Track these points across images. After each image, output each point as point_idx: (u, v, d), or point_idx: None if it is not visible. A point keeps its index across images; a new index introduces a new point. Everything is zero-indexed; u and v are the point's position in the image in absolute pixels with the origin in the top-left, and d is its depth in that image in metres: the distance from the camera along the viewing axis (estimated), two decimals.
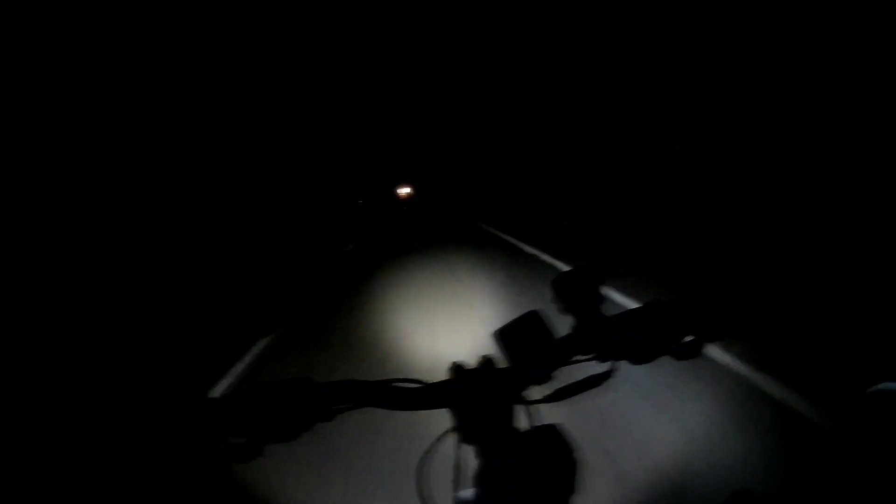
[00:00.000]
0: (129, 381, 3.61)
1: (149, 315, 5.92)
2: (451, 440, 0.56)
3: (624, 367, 0.58)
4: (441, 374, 0.59)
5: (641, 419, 2.23)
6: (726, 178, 8.39)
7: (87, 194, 7.96)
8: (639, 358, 0.56)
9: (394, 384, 0.57)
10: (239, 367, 3.76)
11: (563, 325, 0.63)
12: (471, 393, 0.55)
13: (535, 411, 0.57)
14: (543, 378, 0.57)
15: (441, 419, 0.58)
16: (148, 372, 3.83)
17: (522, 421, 0.56)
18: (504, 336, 0.60)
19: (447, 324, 4.16)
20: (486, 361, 0.58)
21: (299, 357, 3.95)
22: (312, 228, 16.08)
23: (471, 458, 0.55)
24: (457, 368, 0.58)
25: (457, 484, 0.57)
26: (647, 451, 2.01)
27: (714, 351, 2.72)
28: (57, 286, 6.31)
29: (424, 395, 0.56)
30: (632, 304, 3.47)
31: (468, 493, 0.56)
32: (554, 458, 0.50)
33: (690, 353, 0.54)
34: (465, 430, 0.55)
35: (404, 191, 35.16)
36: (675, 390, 2.44)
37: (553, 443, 0.51)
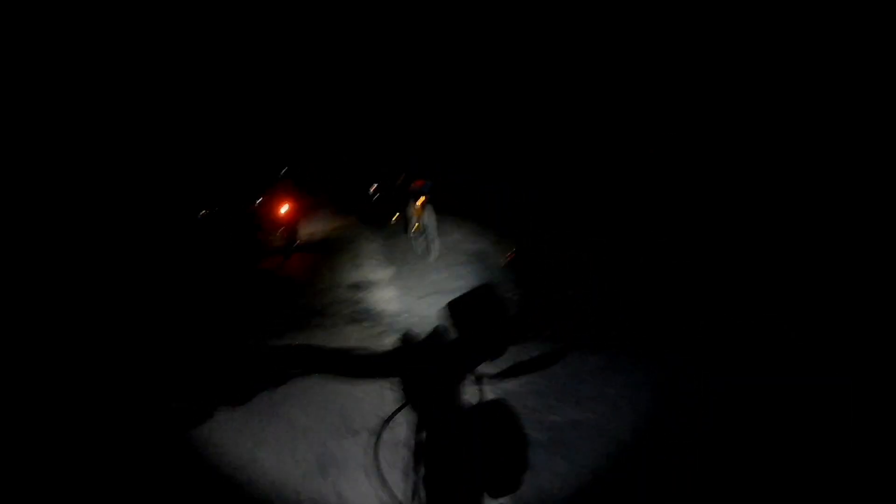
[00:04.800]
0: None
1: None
2: (406, 413, 0.53)
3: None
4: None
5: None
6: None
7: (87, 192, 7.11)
8: (592, 341, 0.55)
9: (346, 352, 0.52)
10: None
11: (518, 301, 0.61)
12: (421, 364, 0.52)
13: (486, 386, 0.55)
14: (496, 353, 0.56)
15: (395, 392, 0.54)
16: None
17: (473, 395, 0.54)
18: (457, 308, 0.56)
19: None
20: (438, 332, 0.54)
21: None
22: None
23: (421, 431, 0.52)
24: (407, 338, 0.54)
25: (415, 458, 0.55)
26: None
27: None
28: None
29: (375, 365, 0.52)
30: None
31: (421, 466, 0.54)
32: (503, 434, 0.49)
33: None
34: (416, 403, 0.52)
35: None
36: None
37: (502, 419, 0.49)
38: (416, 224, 5.75)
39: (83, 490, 1.96)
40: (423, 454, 0.43)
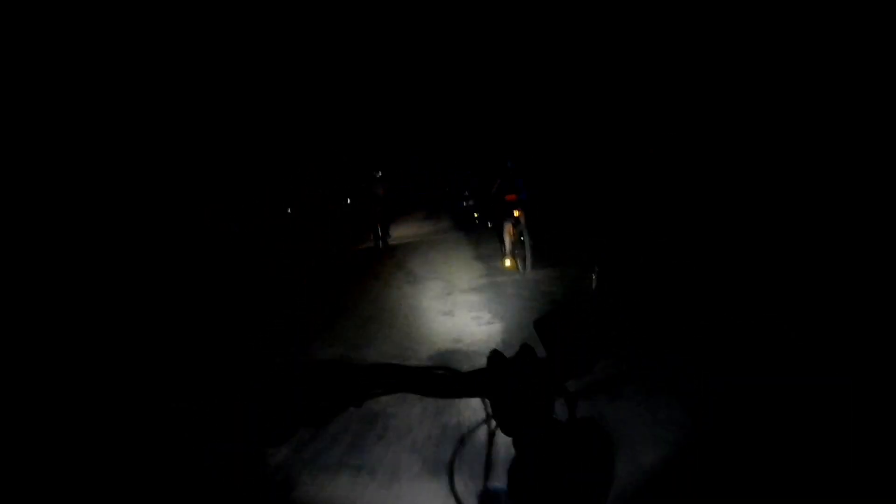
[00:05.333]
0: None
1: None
2: (484, 431, 0.54)
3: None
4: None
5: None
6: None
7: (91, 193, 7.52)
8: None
9: (430, 371, 0.54)
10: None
11: (603, 317, 0.61)
12: (508, 382, 0.53)
13: (573, 403, 0.55)
14: (583, 370, 0.56)
15: (475, 409, 0.55)
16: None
17: (560, 413, 0.54)
18: (544, 326, 0.57)
19: None
20: (525, 350, 0.55)
21: None
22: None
23: (503, 450, 0.53)
24: (495, 356, 0.55)
25: (487, 475, 0.56)
26: None
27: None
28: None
29: (461, 383, 0.54)
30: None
31: (499, 486, 0.54)
32: (590, 452, 0.49)
33: None
34: (500, 420, 0.53)
35: None
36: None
37: (589, 437, 0.50)
38: (512, 245, 5.30)
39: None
40: (499, 472, 0.43)
